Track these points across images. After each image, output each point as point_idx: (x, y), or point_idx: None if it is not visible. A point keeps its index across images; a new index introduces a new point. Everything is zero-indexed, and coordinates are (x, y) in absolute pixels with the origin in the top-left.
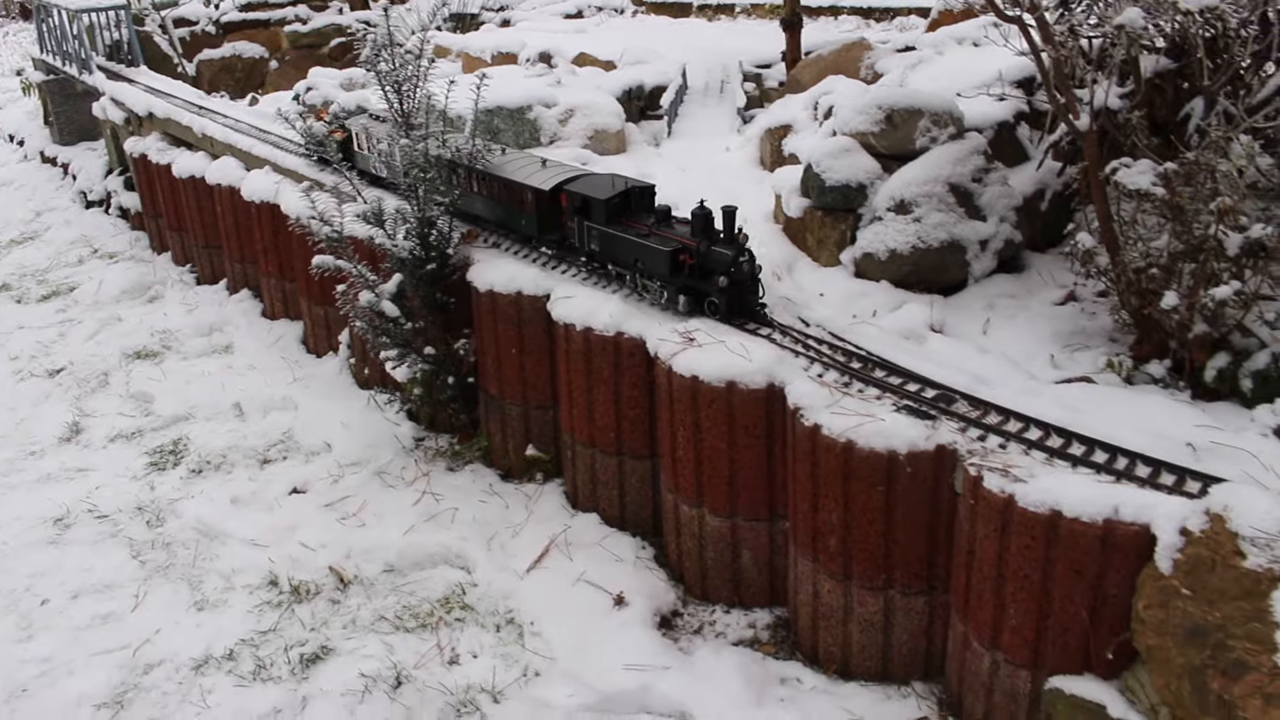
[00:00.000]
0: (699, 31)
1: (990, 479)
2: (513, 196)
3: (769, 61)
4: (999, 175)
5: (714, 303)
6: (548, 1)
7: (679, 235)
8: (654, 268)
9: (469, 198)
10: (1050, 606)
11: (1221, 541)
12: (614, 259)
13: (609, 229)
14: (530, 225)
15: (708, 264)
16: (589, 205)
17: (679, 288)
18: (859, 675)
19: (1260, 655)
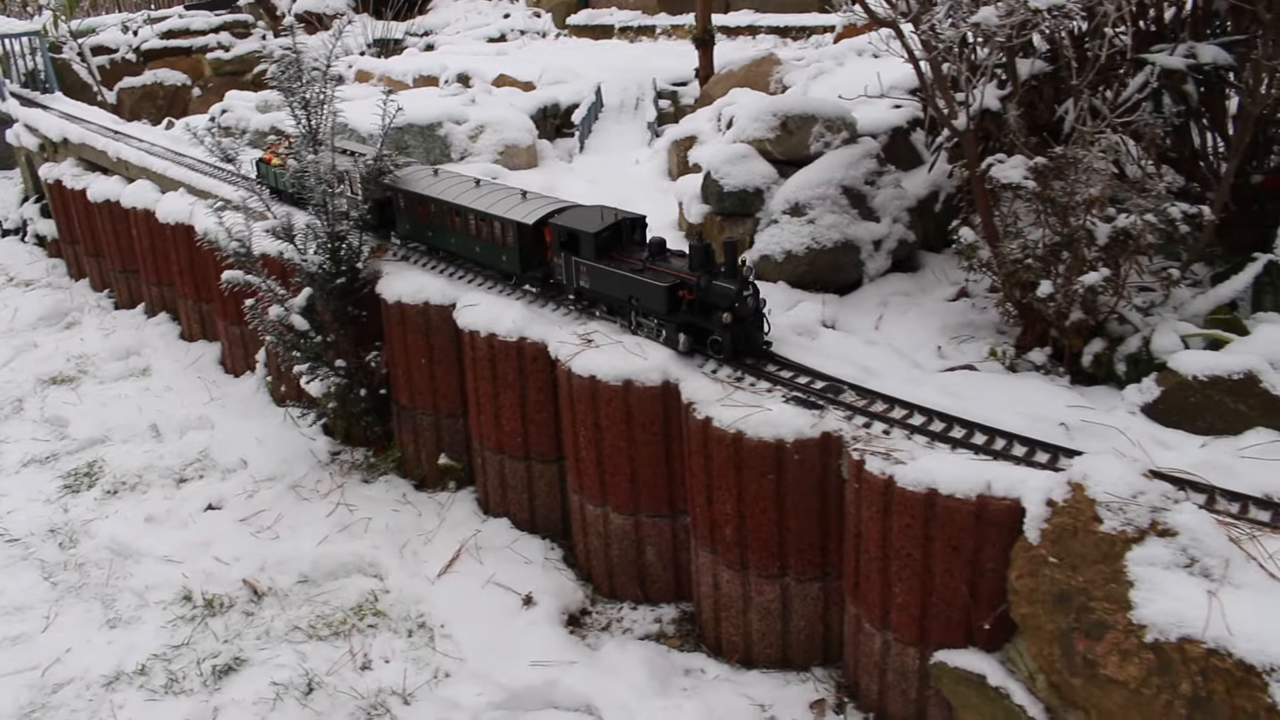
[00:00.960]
0: (620, 52)
1: (872, 462)
2: (491, 231)
3: (685, 79)
4: (892, 178)
5: (717, 341)
6: (472, 26)
7: (676, 269)
8: (651, 304)
9: (441, 232)
10: (932, 584)
11: (1082, 509)
12: (606, 296)
13: (599, 264)
14: (511, 262)
15: (709, 299)
16: (577, 239)
17: (679, 325)
18: (760, 663)
19: (1117, 614)
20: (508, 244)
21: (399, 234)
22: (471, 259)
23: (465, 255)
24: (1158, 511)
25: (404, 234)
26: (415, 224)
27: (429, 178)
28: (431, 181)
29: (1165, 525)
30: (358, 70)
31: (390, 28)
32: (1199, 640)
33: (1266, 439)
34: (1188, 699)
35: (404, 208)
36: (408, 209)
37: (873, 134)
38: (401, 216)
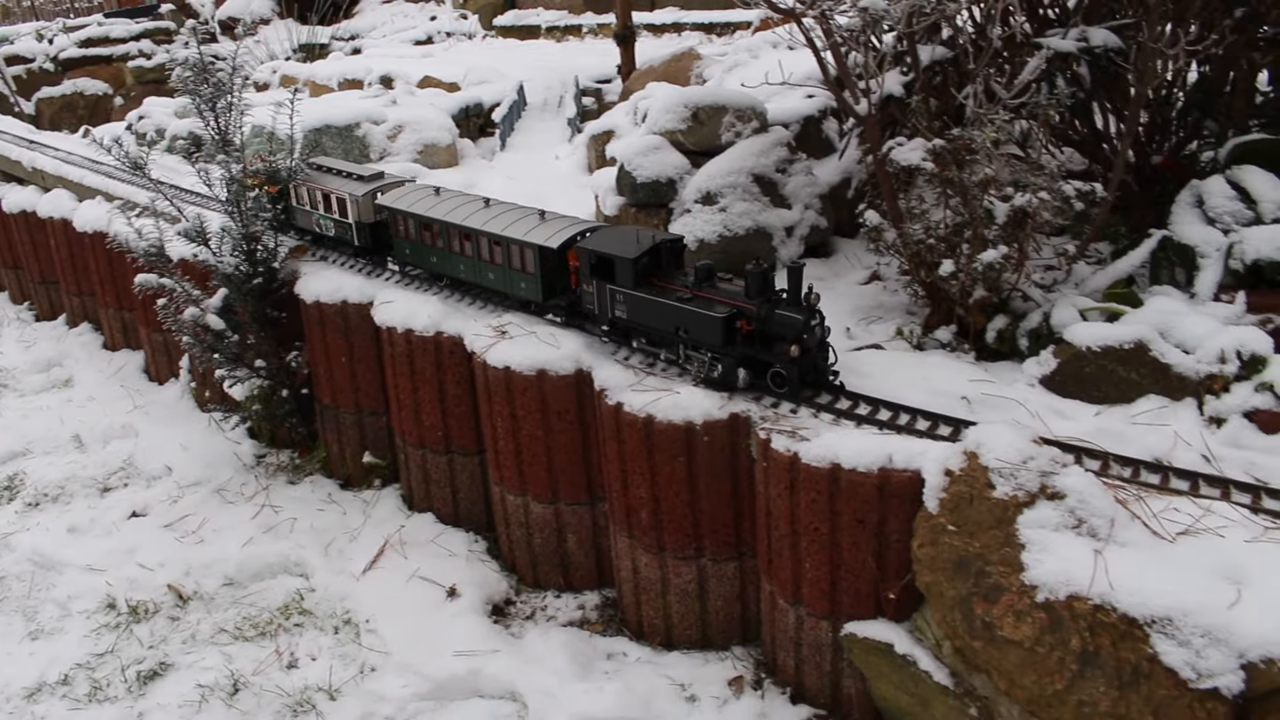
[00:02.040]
0: (546, 52)
1: (778, 440)
2: (507, 256)
3: (609, 77)
4: (803, 165)
5: (780, 375)
6: (398, 30)
7: (730, 297)
8: (704, 336)
9: (447, 258)
10: (840, 557)
11: (976, 477)
12: (647, 327)
13: (639, 292)
14: (532, 289)
15: (771, 330)
16: (612, 265)
17: (737, 359)
18: (681, 644)
19: (1011, 576)
20: (527, 270)
21: (397, 259)
22: (484, 287)
23: (476, 283)
24: (1047, 476)
25: (403, 259)
26: (417, 249)
27: (430, 198)
28: (434, 202)
29: (1054, 489)
30: (282, 75)
31: (316, 32)
32: (1086, 597)
33: (1156, 405)
34: (1077, 654)
35: (404, 231)
36: (408, 232)
37: (784, 123)
38: (401, 241)
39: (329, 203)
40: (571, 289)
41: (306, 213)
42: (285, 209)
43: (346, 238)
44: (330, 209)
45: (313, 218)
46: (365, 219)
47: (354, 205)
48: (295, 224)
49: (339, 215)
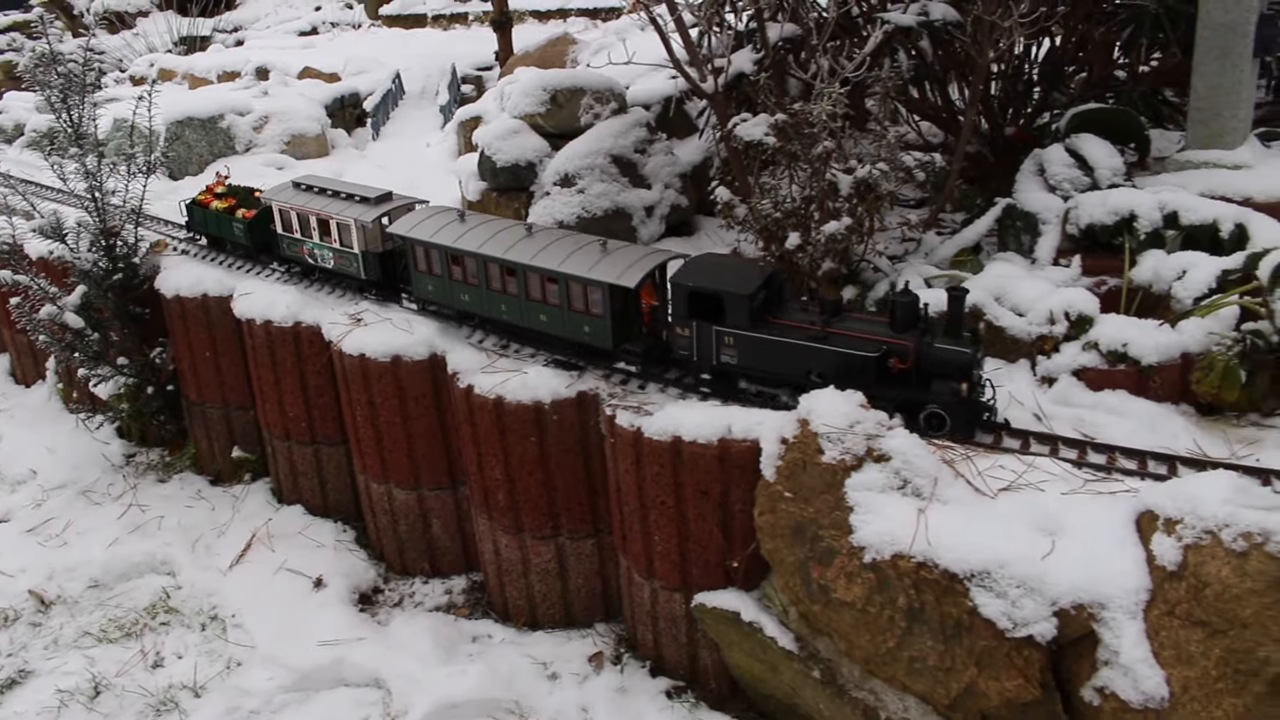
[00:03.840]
0: (431, 40)
1: (622, 416)
2: (567, 296)
3: (490, 64)
4: (663, 145)
5: (939, 416)
6: (282, 20)
7: (870, 331)
8: (849, 379)
9: (483, 296)
10: (688, 529)
11: (808, 443)
12: (765, 373)
13: (758, 334)
14: (600, 334)
15: (931, 368)
16: (720, 302)
17: (894, 403)
18: (545, 624)
19: (841, 539)
20: (593, 312)
21: (416, 296)
22: (533, 331)
23: (523, 326)
24: (873, 439)
25: (424, 296)
26: (442, 285)
27: (456, 225)
28: (461, 230)
29: (880, 451)
30: (160, 69)
31: (197, 24)
32: (910, 556)
33: (992, 367)
34: (904, 611)
35: (425, 265)
36: (430, 266)
37: (646, 104)
38: (422, 276)
39: (326, 229)
40: (643, 331)
41: (296, 241)
42: (267, 236)
43: (350, 270)
44: (329, 237)
45: (305, 247)
46: (373, 248)
47: (359, 232)
48: (282, 254)
49: (340, 244)
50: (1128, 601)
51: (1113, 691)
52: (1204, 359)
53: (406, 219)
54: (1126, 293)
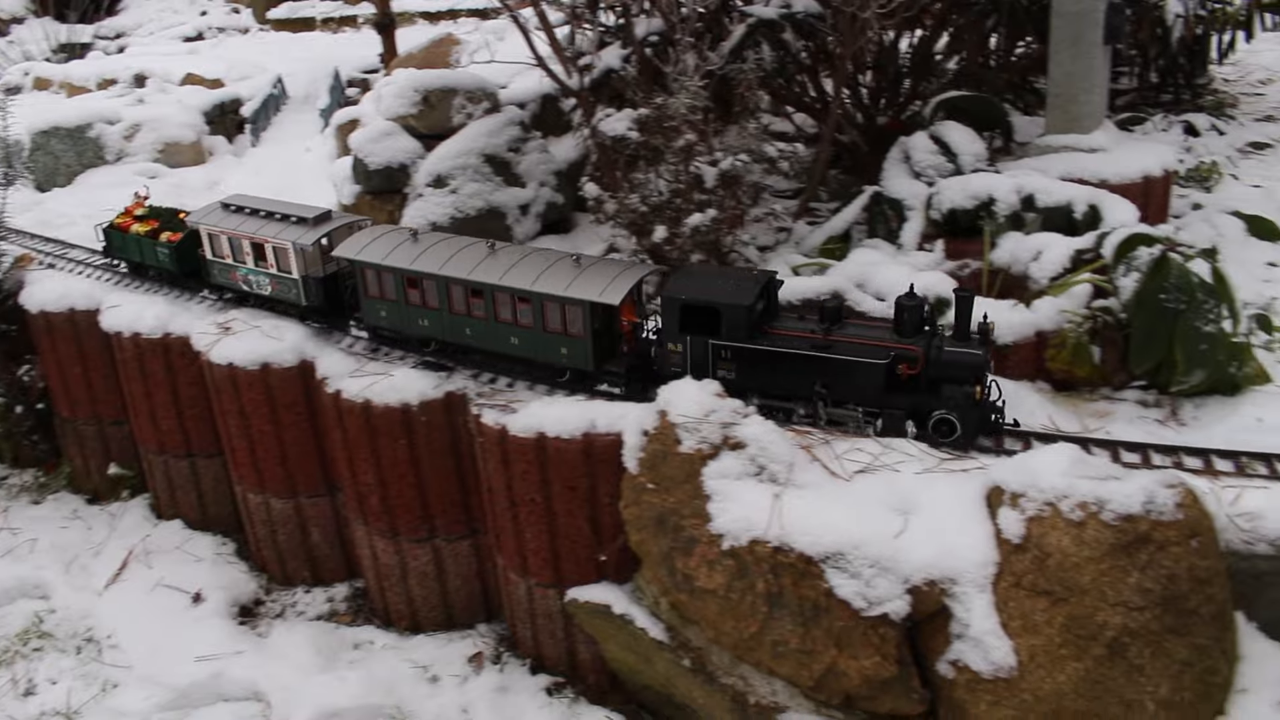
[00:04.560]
0: (319, 43)
1: (488, 414)
2: (541, 317)
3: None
4: (537, 144)
5: (949, 422)
6: (166, 26)
7: (875, 338)
8: (856, 390)
9: (445, 320)
10: (557, 525)
11: (667, 434)
12: (765, 387)
13: (757, 345)
14: (579, 356)
15: (941, 373)
16: (717, 316)
17: (905, 411)
18: (428, 627)
19: (701, 528)
20: (572, 332)
21: (367, 322)
22: (504, 355)
23: (493, 350)
24: (728, 427)
25: (375, 322)
26: (398, 310)
27: (409, 245)
28: (416, 250)
29: (736, 439)
30: (36, 77)
31: (76, 31)
32: (766, 541)
33: None
34: (764, 596)
35: (376, 289)
36: (382, 290)
37: (522, 103)
38: (372, 301)
39: (261, 254)
40: (624, 350)
41: (228, 267)
42: (195, 262)
43: (290, 297)
44: (264, 261)
45: (238, 273)
46: (314, 272)
47: (298, 256)
48: (212, 280)
49: (277, 269)
50: (977, 575)
51: (965, 664)
52: (1057, 336)
53: (353, 240)
54: (988, 275)
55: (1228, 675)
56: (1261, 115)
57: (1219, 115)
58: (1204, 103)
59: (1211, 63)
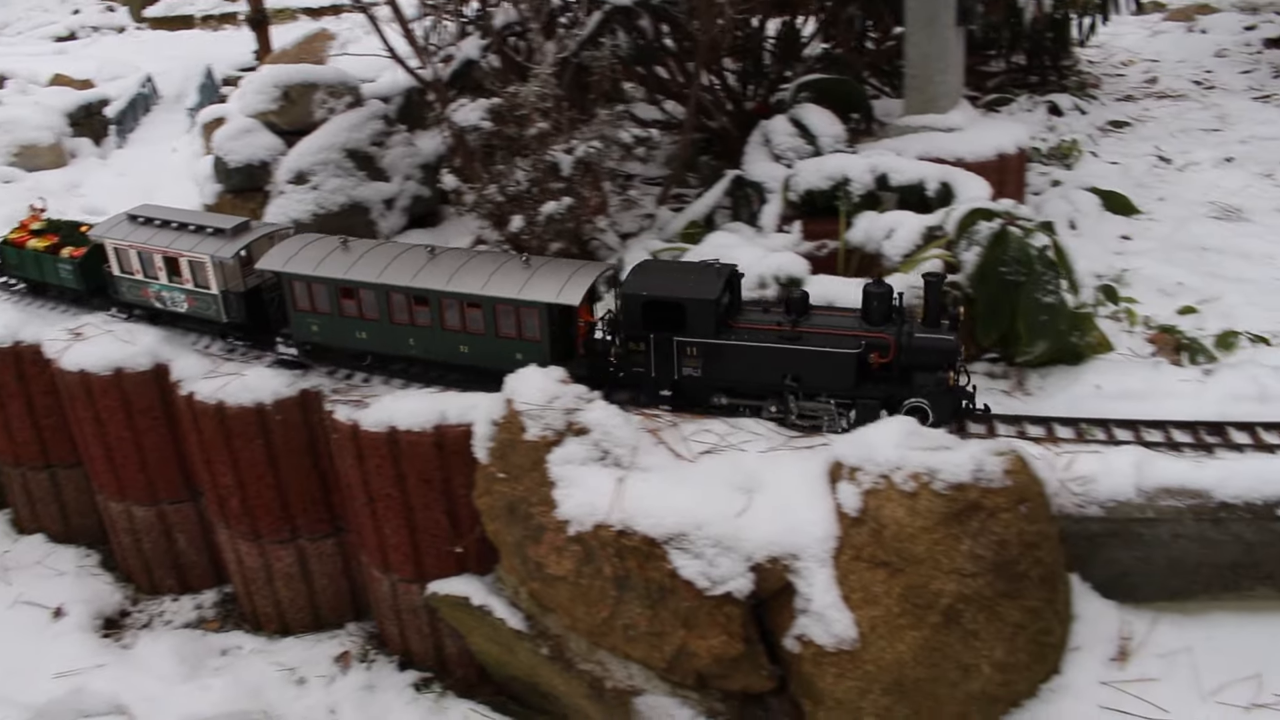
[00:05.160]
0: (197, 42)
1: (341, 410)
2: (493, 322)
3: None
4: (402, 137)
5: (922, 410)
6: (36, 25)
7: (844, 328)
8: (827, 381)
9: (385, 331)
10: (415, 519)
11: (514, 423)
12: (735, 384)
13: (726, 340)
14: (538, 360)
15: (913, 360)
16: (682, 311)
17: (879, 400)
18: (296, 629)
19: (548, 515)
20: (527, 336)
21: (296, 338)
22: (452, 365)
23: (440, 360)
24: (572, 413)
25: (306, 338)
26: (330, 323)
27: (341, 254)
28: (349, 259)
29: (580, 425)
30: None
31: None
32: (609, 525)
33: None
34: (612, 580)
35: (307, 302)
36: (313, 303)
37: (387, 96)
38: (302, 315)
39: (176, 268)
40: (582, 353)
41: (139, 283)
42: (100, 278)
43: (209, 314)
44: (179, 277)
45: (150, 290)
46: (234, 287)
47: (216, 270)
48: (120, 298)
49: (194, 284)
50: (818, 550)
51: (809, 638)
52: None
53: (278, 251)
54: (844, 254)
55: (1061, 635)
56: (1122, 95)
57: (1082, 95)
58: (1068, 84)
59: (1075, 45)
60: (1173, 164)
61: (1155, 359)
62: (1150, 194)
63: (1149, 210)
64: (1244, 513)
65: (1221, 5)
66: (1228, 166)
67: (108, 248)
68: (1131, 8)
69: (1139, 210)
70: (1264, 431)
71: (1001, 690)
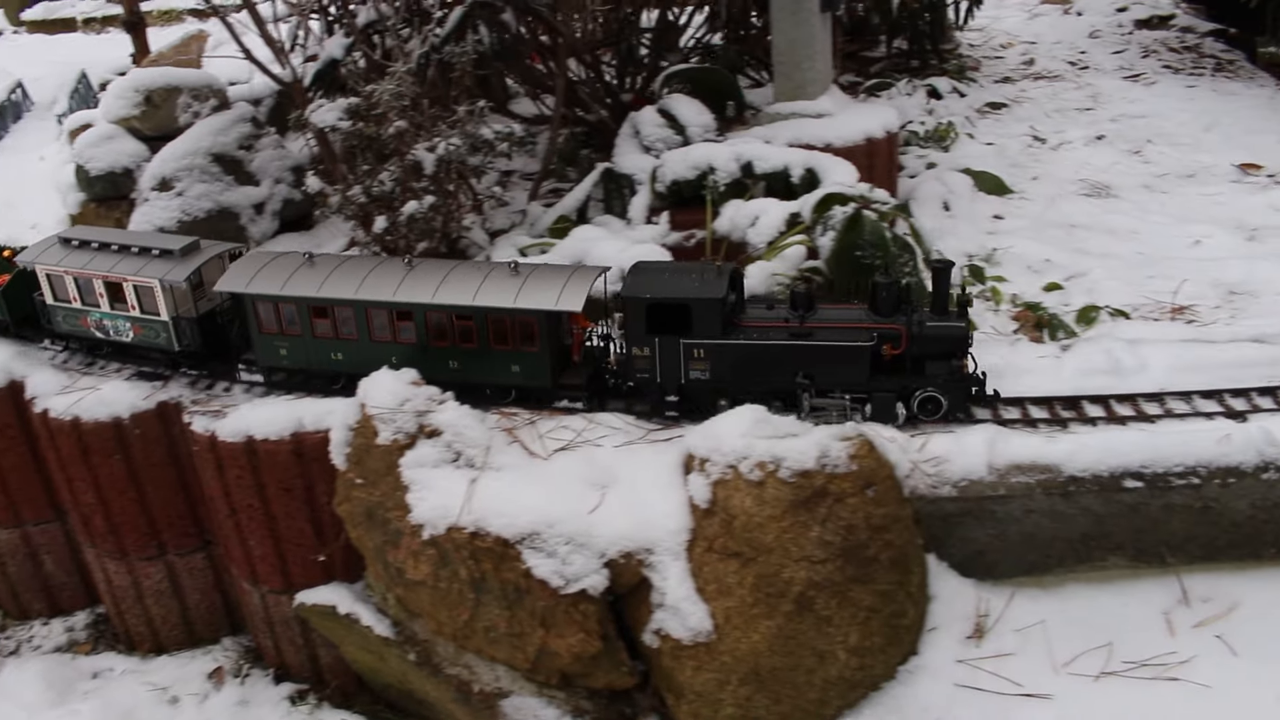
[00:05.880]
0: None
1: (198, 422)
2: (485, 333)
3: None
4: (271, 140)
5: (936, 400)
6: None
7: (853, 320)
8: (842, 375)
9: (365, 350)
10: (279, 529)
11: (368, 427)
12: (742, 383)
13: (733, 340)
14: (535, 372)
15: (925, 349)
16: (687, 313)
17: (895, 393)
18: (171, 647)
19: (403, 519)
20: (524, 347)
21: (262, 363)
22: (441, 382)
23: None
24: (424, 415)
25: (273, 363)
26: (301, 346)
27: (308, 270)
28: (319, 275)
29: (431, 426)
30: None
31: None
32: (462, 527)
33: None
34: (469, 583)
35: (273, 323)
36: (281, 324)
37: (258, 99)
38: (267, 339)
39: (119, 294)
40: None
41: (76, 312)
42: (29, 308)
43: (159, 342)
44: (123, 304)
45: (89, 319)
46: (186, 312)
47: (166, 295)
48: (54, 328)
49: (141, 311)
50: (672, 543)
51: (666, 632)
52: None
53: (236, 271)
54: (711, 243)
55: (916, 616)
56: (1001, 77)
57: (961, 78)
58: (948, 67)
59: (955, 29)
60: (1047, 143)
61: (1016, 336)
62: (1024, 173)
63: (1022, 189)
64: (1092, 485)
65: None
66: (1098, 145)
67: (39, 274)
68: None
69: (1011, 190)
70: (1116, 404)
71: (859, 674)
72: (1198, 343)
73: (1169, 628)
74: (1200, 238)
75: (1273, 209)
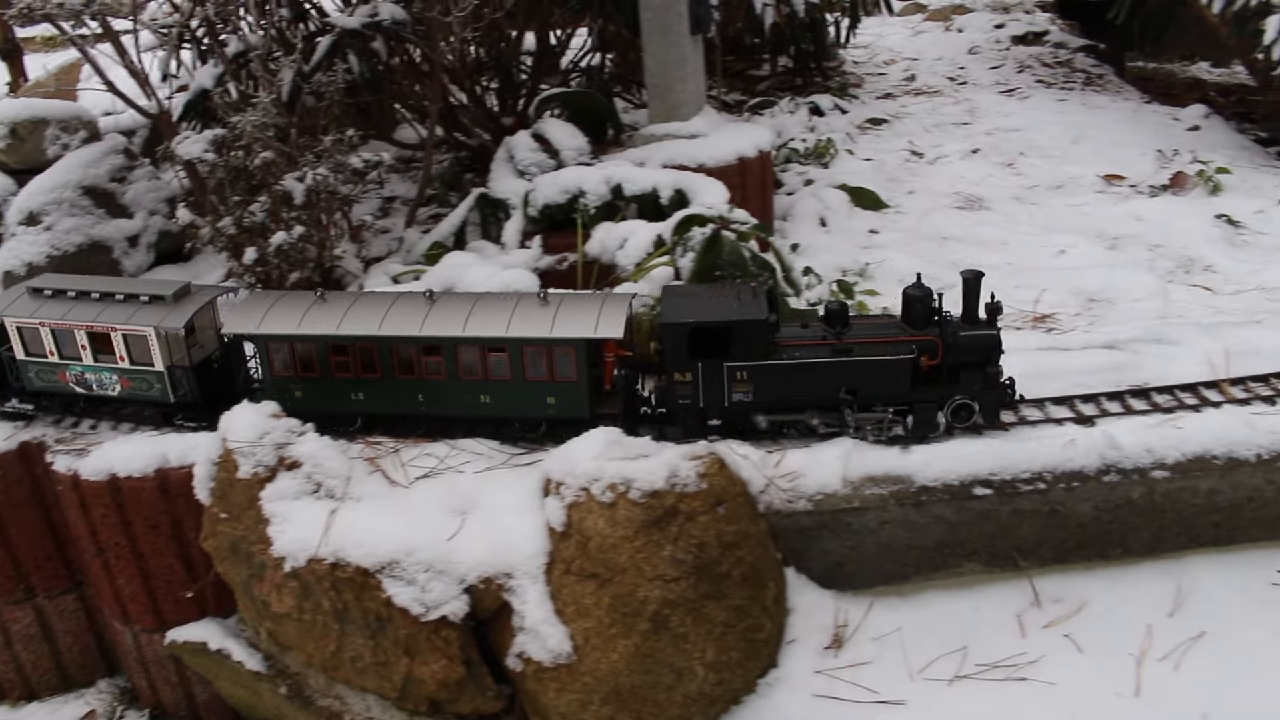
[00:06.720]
0: None
1: (60, 460)
2: (519, 366)
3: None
4: (146, 171)
5: (968, 408)
6: None
7: (889, 334)
8: (885, 389)
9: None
10: (148, 566)
11: (229, 461)
12: (784, 403)
13: (777, 360)
14: (572, 403)
15: (959, 359)
16: (729, 335)
17: (937, 404)
18: (43, 693)
19: (266, 552)
20: (560, 377)
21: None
22: (470, 417)
23: (455, 415)
24: (283, 447)
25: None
26: (319, 387)
27: (322, 307)
28: (335, 312)
29: (291, 459)
30: None
31: None
32: (322, 558)
33: None
34: (332, 614)
35: (286, 366)
36: (295, 366)
37: (131, 129)
38: (279, 380)
39: (105, 345)
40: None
41: (52, 367)
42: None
43: (152, 394)
44: (109, 355)
45: (69, 373)
46: (181, 361)
47: (162, 343)
48: (26, 386)
49: (131, 362)
50: (530, 567)
51: (528, 655)
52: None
53: (243, 313)
54: (583, 266)
55: (773, 630)
56: (882, 93)
57: (844, 95)
58: (831, 84)
59: (838, 47)
60: (924, 158)
61: None
62: (901, 187)
63: (898, 204)
64: (943, 494)
65: (976, 5)
66: (973, 158)
67: (9, 327)
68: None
69: (887, 205)
70: None
71: (718, 689)
72: (1053, 350)
73: (1020, 629)
74: (1065, 247)
75: (1133, 218)
